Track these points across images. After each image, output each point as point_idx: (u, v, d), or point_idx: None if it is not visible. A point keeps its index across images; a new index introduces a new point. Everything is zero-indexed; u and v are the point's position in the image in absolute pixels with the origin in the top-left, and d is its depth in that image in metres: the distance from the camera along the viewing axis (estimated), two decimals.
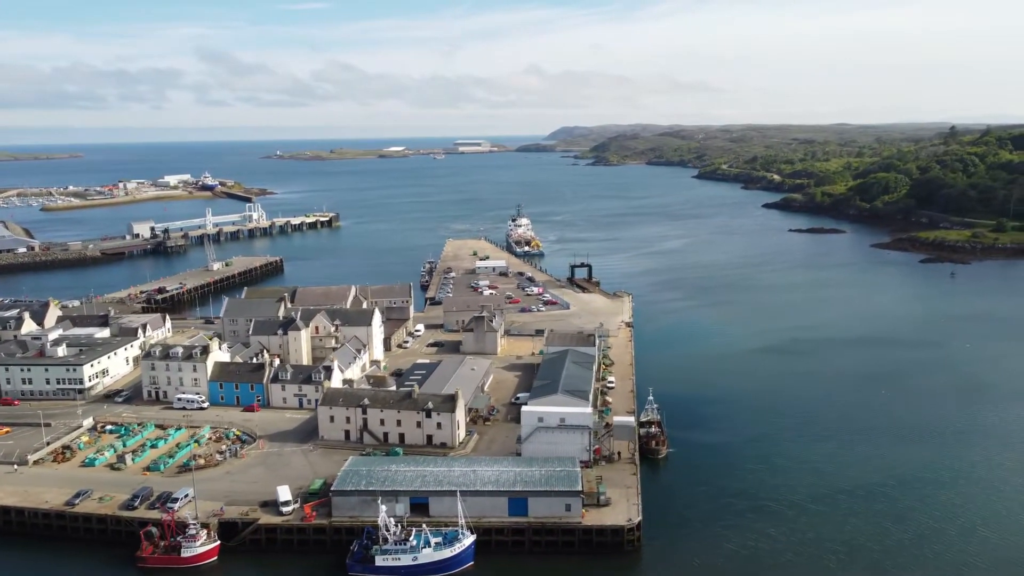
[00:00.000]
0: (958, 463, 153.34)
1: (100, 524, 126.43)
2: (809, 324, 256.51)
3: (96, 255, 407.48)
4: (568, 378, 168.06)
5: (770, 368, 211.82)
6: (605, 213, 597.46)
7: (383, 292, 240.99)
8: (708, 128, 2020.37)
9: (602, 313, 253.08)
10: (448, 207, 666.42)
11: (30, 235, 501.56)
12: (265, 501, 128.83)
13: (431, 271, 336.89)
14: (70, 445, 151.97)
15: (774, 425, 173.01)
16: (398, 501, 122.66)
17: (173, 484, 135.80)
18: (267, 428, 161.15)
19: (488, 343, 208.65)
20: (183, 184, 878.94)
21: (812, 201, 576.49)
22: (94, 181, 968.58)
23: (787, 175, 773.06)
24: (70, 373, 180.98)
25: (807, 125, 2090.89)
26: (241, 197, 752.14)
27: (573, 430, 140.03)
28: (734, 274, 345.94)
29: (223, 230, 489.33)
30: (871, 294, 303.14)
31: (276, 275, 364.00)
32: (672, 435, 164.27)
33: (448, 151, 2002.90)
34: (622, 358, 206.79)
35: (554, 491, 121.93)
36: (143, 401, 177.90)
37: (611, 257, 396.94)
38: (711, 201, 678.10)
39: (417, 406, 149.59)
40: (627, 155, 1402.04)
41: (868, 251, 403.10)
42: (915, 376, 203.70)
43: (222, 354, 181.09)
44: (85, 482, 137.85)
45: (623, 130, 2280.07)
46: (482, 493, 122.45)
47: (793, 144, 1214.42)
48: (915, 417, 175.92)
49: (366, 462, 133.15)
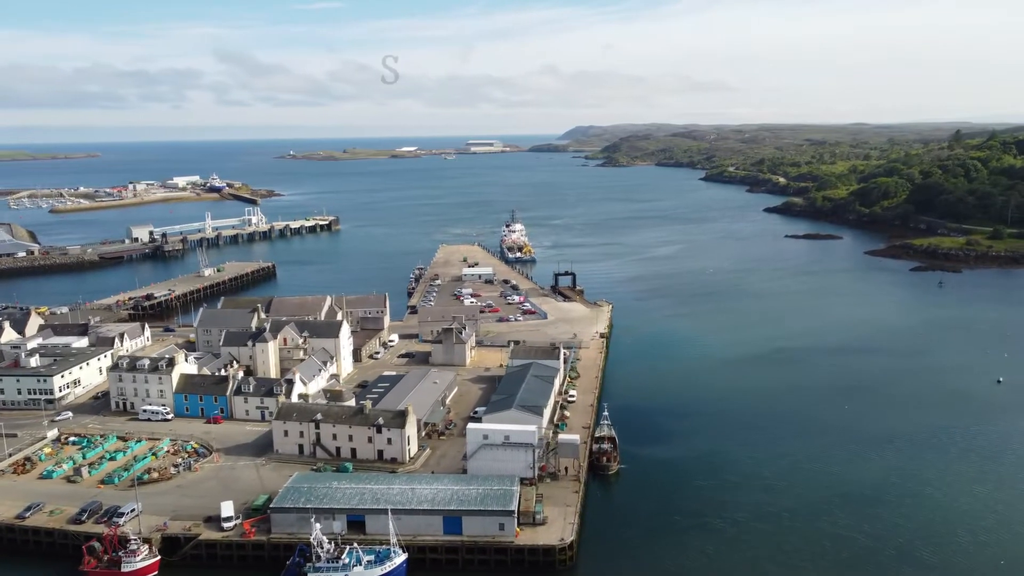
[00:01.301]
0: (908, 480, 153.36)
1: (48, 537, 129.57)
2: (786, 334, 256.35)
3: (94, 259, 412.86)
4: (525, 393, 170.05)
5: (739, 381, 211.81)
6: (604, 217, 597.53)
7: (358, 302, 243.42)
8: (723, 128, 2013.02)
9: (579, 323, 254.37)
10: (450, 210, 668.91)
11: (35, 238, 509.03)
12: (209, 516, 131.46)
13: (419, 278, 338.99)
14: (31, 456, 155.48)
15: (733, 440, 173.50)
16: (335, 519, 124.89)
17: (124, 498, 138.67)
18: (226, 441, 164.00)
19: (457, 355, 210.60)
20: (191, 186, 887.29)
21: (813, 206, 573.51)
22: (108, 181, 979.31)
23: (792, 178, 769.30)
24: (40, 384, 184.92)
25: (824, 125, 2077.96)
26: (247, 199, 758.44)
27: (518, 447, 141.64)
28: (722, 281, 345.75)
29: (222, 234, 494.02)
30: (854, 304, 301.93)
31: (268, 281, 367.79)
32: (628, 451, 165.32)
33: (460, 151, 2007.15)
34: (590, 371, 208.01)
35: (487, 510, 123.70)
36: (111, 412, 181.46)
37: (603, 263, 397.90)
38: (713, 204, 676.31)
39: (368, 421, 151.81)
40: (637, 156, 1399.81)
41: (861, 258, 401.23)
42: (881, 390, 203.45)
43: (188, 366, 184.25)
44: (41, 494, 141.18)
45: (637, 130, 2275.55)
46: (416, 512, 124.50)
47: (804, 145, 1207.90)
48: (874, 432, 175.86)
49: (308, 479, 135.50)
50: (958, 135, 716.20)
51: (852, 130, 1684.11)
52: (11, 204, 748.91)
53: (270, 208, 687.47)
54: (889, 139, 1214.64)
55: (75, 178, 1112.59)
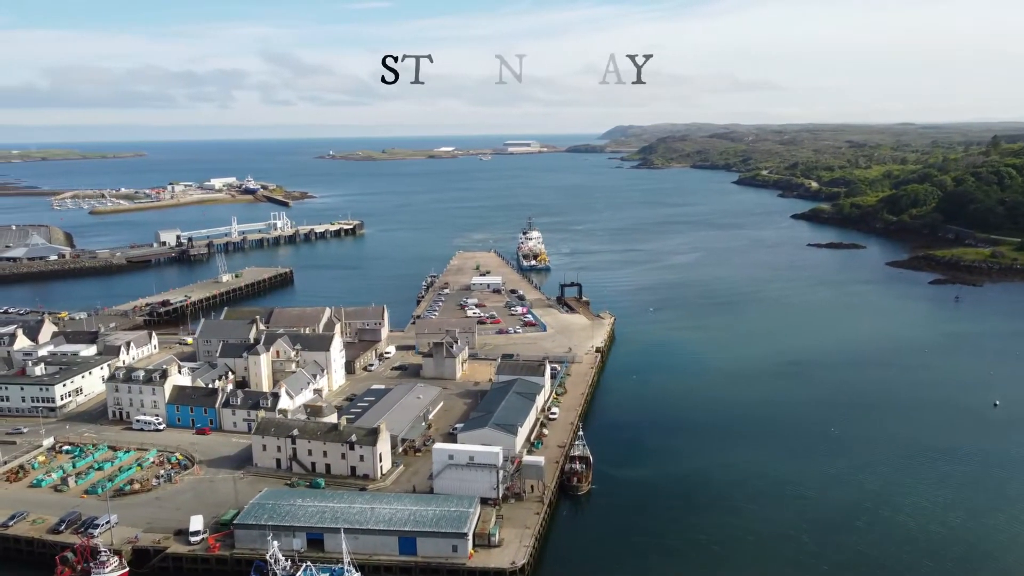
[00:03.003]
0: (881, 507, 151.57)
1: (28, 546, 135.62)
2: (789, 349, 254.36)
3: (122, 263, 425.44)
4: (503, 411, 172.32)
5: (733, 399, 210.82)
6: (628, 223, 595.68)
7: (356, 314, 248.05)
8: (764, 128, 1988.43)
9: (577, 336, 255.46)
10: (476, 213, 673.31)
11: (71, 240, 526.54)
12: (180, 529, 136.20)
13: (430, 286, 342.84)
14: (24, 465, 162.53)
15: (713, 460, 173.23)
16: (295, 536, 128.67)
17: (105, 508, 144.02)
18: (210, 452, 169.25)
19: (447, 368, 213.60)
20: (227, 187, 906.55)
21: (841, 213, 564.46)
22: (150, 182, 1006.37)
23: (825, 183, 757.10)
24: (43, 392, 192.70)
25: (869, 125, 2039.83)
26: (280, 202, 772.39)
27: (482, 468, 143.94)
28: (734, 292, 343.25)
29: (248, 238, 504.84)
30: (866, 317, 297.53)
31: (285, 287, 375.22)
32: (603, 471, 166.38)
33: (497, 151, 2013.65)
34: (578, 387, 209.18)
35: (441, 532, 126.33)
36: (108, 421, 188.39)
37: (616, 272, 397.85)
38: (742, 210, 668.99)
39: (341, 438, 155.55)
40: (673, 158, 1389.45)
41: (882, 269, 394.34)
42: (874, 410, 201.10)
43: (181, 378, 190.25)
44: (28, 503, 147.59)
45: (677, 130, 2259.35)
46: (373, 531, 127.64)
47: (843, 148, 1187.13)
48: (856, 455, 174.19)
49: (275, 495, 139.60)
50: (995, 141, 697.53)
51: (897, 131, 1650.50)
52: (54, 205, 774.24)
53: (302, 210, 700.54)
54: (933, 141, 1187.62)
55: (119, 178, 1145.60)
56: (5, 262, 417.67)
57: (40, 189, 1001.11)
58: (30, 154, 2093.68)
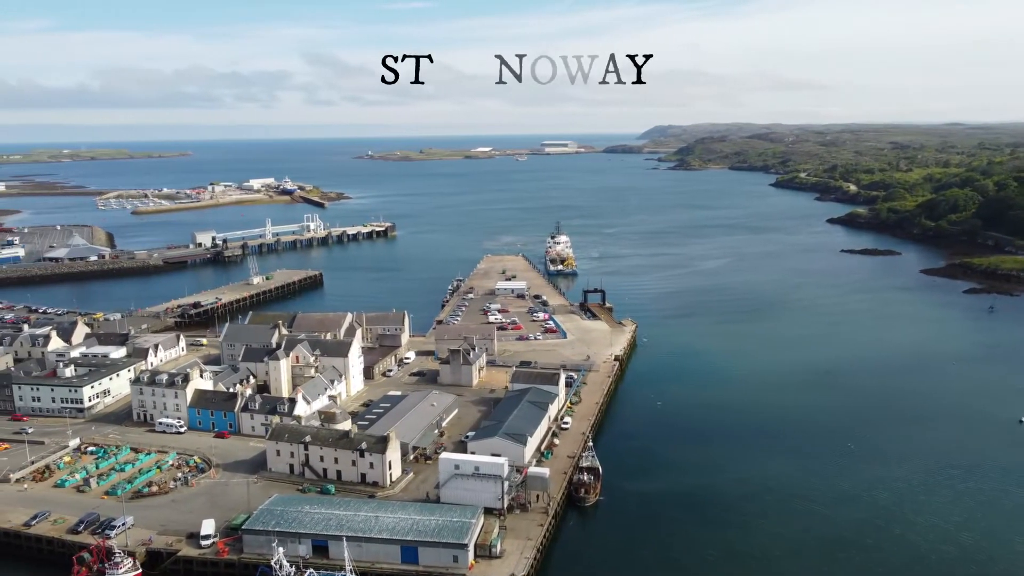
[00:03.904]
0: (893, 524, 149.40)
1: (48, 546, 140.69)
2: (811, 359, 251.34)
3: (159, 264, 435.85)
4: (515, 420, 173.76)
5: (751, 410, 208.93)
6: (660, 227, 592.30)
7: (377, 319, 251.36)
8: (806, 128, 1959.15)
9: (597, 344, 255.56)
10: (507, 215, 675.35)
11: (112, 241, 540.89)
12: (192, 532, 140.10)
13: (456, 290, 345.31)
14: (50, 465, 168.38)
15: (724, 473, 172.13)
16: (300, 543, 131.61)
17: (123, 510, 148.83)
18: (227, 456, 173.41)
19: (463, 375, 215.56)
20: (265, 188, 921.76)
21: (877, 217, 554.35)
22: (193, 181, 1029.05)
23: (864, 186, 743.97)
24: (72, 393, 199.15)
25: (915, 125, 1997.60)
26: (316, 203, 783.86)
27: (487, 478, 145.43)
28: (761, 299, 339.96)
29: (281, 239, 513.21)
30: (895, 327, 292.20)
31: (315, 289, 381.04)
32: (613, 482, 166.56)
33: (535, 151, 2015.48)
34: (593, 396, 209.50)
35: (442, 542, 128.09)
36: (132, 423, 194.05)
37: (643, 277, 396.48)
38: (777, 213, 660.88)
39: (352, 445, 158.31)
40: (710, 159, 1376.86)
41: (916, 277, 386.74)
42: (894, 423, 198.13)
43: (203, 382, 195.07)
44: (51, 503, 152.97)
45: (717, 130, 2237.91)
46: (376, 540, 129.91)
47: (886, 149, 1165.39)
48: (872, 470, 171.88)
49: (283, 501, 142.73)
50: None
51: (943, 131, 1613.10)
52: (99, 205, 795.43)
53: (337, 211, 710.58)
54: (980, 143, 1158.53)
55: (163, 178, 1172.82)
56: (48, 262, 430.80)
57: (87, 189, 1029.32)
58: (79, 153, 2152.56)
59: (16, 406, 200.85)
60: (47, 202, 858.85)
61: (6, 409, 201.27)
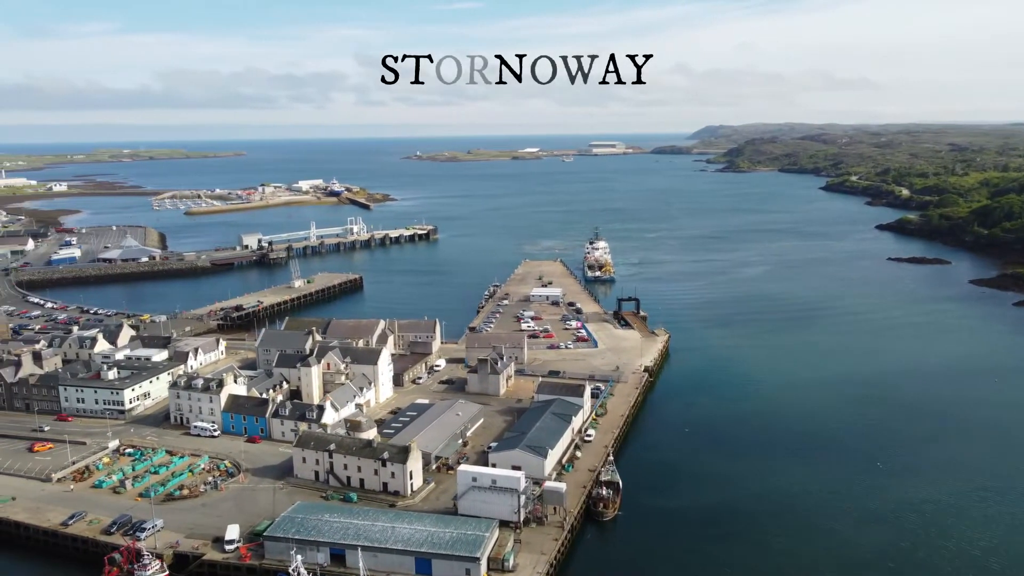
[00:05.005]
0: (918, 549, 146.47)
1: (83, 545, 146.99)
2: (847, 373, 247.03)
3: (207, 266, 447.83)
4: (537, 432, 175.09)
5: (777, 425, 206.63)
6: (703, 232, 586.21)
7: (409, 327, 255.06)
8: (862, 129, 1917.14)
9: (627, 354, 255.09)
10: (549, 218, 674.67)
11: (164, 242, 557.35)
12: (218, 537, 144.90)
13: (491, 296, 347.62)
14: (90, 465, 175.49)
15: (747, 491, 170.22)
16: (319, 551, 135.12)
17: (157, 512, 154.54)
18: (257, 461, 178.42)
19: (491, 385, 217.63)
20: (313, 189, 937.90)
21: (928, 224, 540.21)
22: (245, 182, 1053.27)
23: (917, 191, 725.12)
24: (113, 395, 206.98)
25: (975, 125, 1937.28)
26: (362, 204, 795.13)
27: (504, 491, 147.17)
28: (801, 309, 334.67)
29: (325, 242, 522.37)
30: (939, 341, 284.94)
31: (355, 293, 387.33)
32: (634, 497, 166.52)
33: (582, 152, 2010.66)
34: (619, 408, 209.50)
35: (455, 555, 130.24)
36: (170, 426, 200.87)
37: (681, 284, 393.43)
38: (825, 219, 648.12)
39: (375, 454, 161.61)
40: (760, 160, 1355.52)
41: (964, 288, 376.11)
42: (928, 443, 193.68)
43: (237, 387, 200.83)
44: (88, 503, 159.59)
45: (768, 130, 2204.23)
46: (391, 551, 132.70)
47: (943, 152, 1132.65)
48: (900, 492, 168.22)
49: (305, 509, 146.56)
50: None
51: (1005, 132, 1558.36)
52: (154, 205, 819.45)
53: (382, 213, 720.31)
54: None
55: (217, 178, 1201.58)
56: (102, 263, 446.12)
57: (143, 189, 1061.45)
58: (139, 153, 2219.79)
59: (62, 406, 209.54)
60: (106, 202, 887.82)
61: (53, 409, 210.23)
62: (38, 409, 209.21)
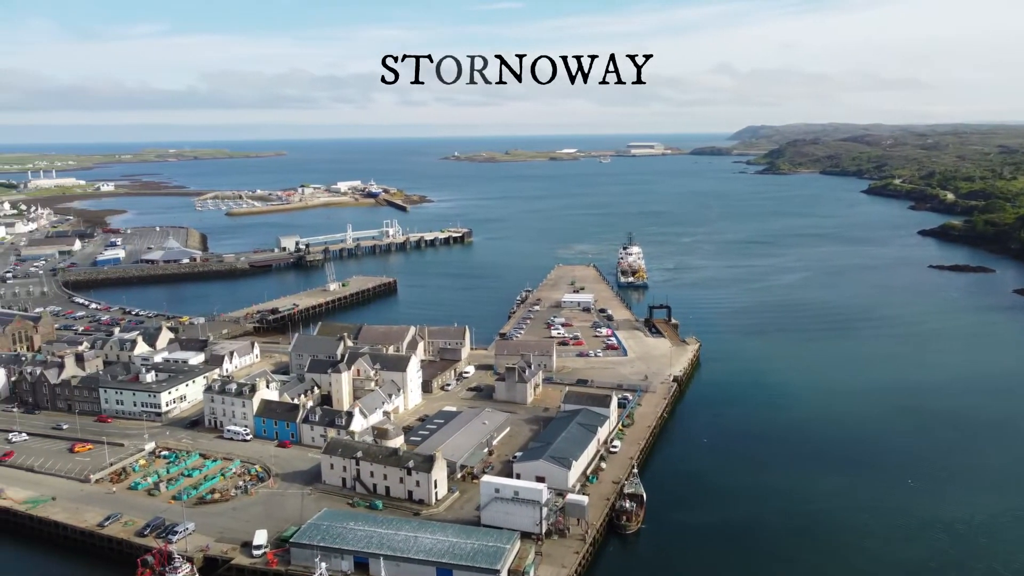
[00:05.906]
0: (949, 571, 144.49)
1: (118, 546, 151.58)
2: (882, 385, 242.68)
3: (245, 267, 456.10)
4: (561, 443, 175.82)
5: (808, 439, 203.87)
6: (739, 236, 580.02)
7: (439, 333, 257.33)
8: (908, 130, 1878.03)
9: (657, 363, 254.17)
10: (584, 221, 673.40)
11: (205, 243, 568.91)
12: (246, 541, 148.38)
13: (523, 301, 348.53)
14: (126, 467, 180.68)
15: (774, 507, 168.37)
16: (343, 559, 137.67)
17: (187, 515, 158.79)
18: (287, 466, 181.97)
19: (518, 393, 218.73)
20: (351, 190, 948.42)
21: (973, 230, 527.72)
22: (286, 182, 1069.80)
23: (962, 195, 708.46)
24: (151, 398, 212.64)
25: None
26: (398, 206, 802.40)
27: (526, 503, 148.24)
28: (837, 318, 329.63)
29: (361, 244, 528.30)
30: (976, 352, 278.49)
31: (389, 296, 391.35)
32: (659, 511, 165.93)
33: (620, 153, 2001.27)
34: (647, 418, 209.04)
35: (475, 567, 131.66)
36: (204, 429, 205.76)
37: (715, 291, 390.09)
38: (867, 224, 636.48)
39: (400, 463, 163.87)
40: (801, 162, 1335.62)
41: (1007, 297, 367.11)
42: (962, 461, 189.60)
43: (269, 392, 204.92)
44: (124, 505, 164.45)
45: (811, 130, 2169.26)
46: (413, 560, 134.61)
47: (992, 154, 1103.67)
48: (930, 512, 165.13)
49: (331, 516, 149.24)
50: None
51: None
52: (196, 206, 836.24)
53: (418, 215, 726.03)
54: None
55: (258, 178, 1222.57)
56: (144, 264, 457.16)
57: (187, 189, 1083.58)
58: (184, 153, 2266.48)
59: (102, 408, 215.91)
60: (151, 202, 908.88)
61: (94, 410, 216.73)
62: (79, 410, 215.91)
